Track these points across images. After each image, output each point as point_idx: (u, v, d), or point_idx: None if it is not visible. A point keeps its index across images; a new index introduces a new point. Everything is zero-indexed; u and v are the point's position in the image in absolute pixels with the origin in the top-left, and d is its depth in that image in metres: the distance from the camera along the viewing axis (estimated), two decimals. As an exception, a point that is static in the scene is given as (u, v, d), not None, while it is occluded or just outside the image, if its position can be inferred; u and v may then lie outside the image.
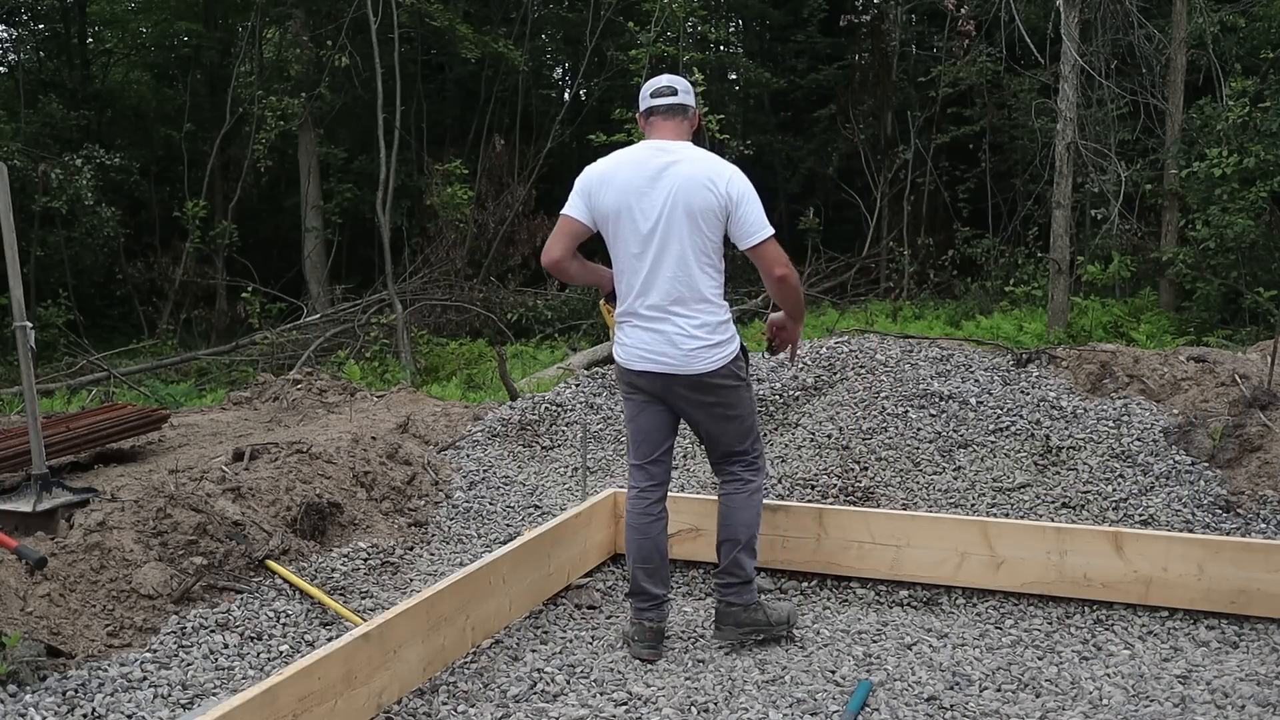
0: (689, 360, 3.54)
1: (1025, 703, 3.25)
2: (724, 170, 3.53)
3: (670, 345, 3.54)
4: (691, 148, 3.60)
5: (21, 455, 5.11)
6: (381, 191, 13.23)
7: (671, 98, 3.63)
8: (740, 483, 3.71)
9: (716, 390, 3.59)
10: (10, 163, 10.81)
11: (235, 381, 11.00)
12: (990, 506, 4.85)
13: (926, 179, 16.38)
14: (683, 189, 3.49)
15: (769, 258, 3.51)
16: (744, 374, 3.67)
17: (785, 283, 3.56)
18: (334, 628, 3.86)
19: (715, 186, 3.48)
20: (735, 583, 3.66)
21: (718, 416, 3.65)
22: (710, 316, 3.55)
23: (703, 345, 3.53)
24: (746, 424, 3.70)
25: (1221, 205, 10.50)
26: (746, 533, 3.67)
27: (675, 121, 3.64)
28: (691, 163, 3.53)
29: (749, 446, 3.72)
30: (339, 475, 5.04)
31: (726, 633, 3.67)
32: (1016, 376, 5.99)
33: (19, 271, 4.63)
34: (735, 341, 3.62)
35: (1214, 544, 3.85)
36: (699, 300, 3.54)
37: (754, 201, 3.51)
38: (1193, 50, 12.01)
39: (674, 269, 3.51)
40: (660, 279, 3.52)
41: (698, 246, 3.51)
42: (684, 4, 13.82)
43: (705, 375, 3.56)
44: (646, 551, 3.67)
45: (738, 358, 3.62)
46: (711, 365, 3.55)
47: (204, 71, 19.18)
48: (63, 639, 3.43)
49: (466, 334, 13.54)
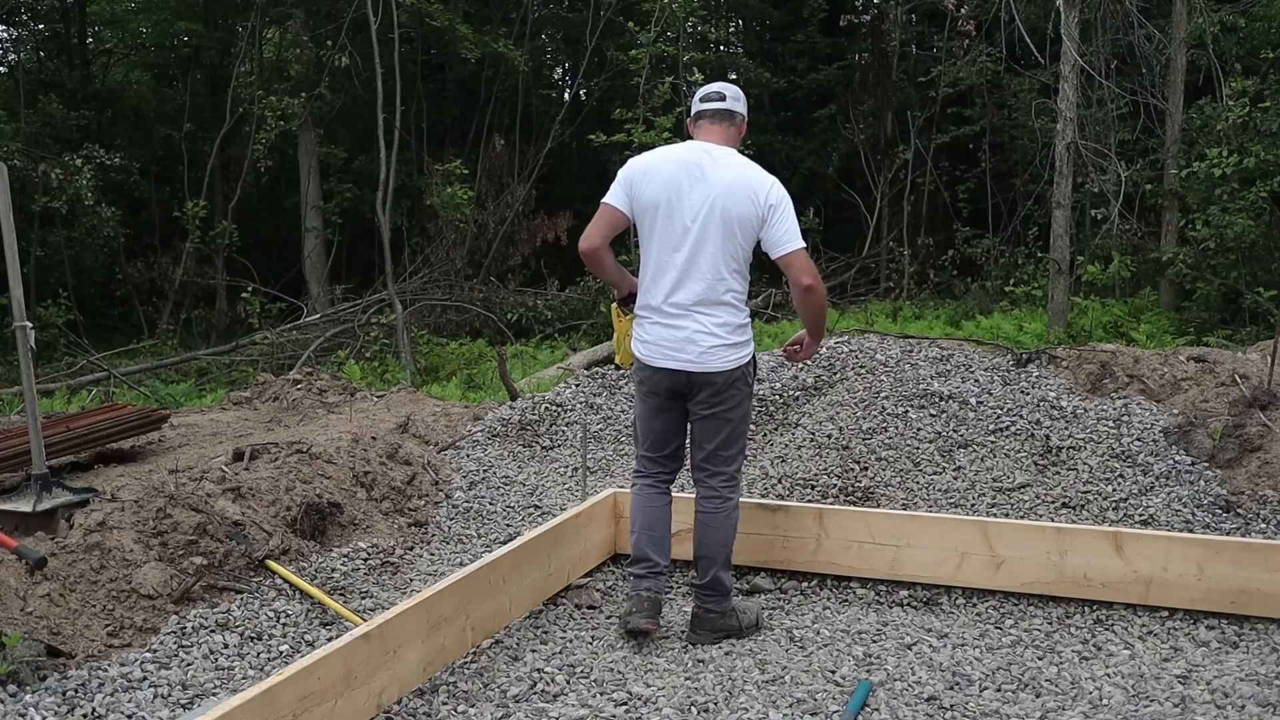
0: (705, 358, 3.61)
1: (1025, 703, 3.25)
2: (765, 181, 3.61)
3: (690, 343, 3.61)
4: (736, 155, 3.68)
5: (21, 455, 5.11)
6: (381, 191, 13.23)
7: (720, 103, 3.73)
8: (719, 500, 3.76)
9: (723, 392, 3.65)
10: (10, 163, 10.81)
11: (235, 381, 11.00)
12: (990, 506, 4.85)
13: (926, 179, 16.37)
14: (724, 194, 3.57)
15: (797, 267, 3.58)
16: (751, 382, 3.74)
17: (811, 293, 3.61)
18: (334, 628, 3.86)
19: (756, 197, 3.57)
20: (715, 595, 3.75)
21: (717, 418, 3.70)
22: (731, 318, 3.63)
23: (721, 344, 3.61)
24: (739, 431, 3.75)
25: (1221, 205, 10.50)
26: (724, 552, 3.76)
27: (722, 126, 3.73)
28: (736, 169, 3.61)
29: (733, 457, 3.76)
30: (339, 475, 5.04)
31: (701, 635, 3.76)
32: (1016, 376, 5.99)
33: (19, 271, 4.63)
34: (751, 347, 3.70)
35: (1214, 544, 3.85)
36: (721, 303, 3.62)
37: (788, 213, 3.60)
38: (1193, 50, 12.01)
39: (705, 270, 3.59)
40: (690, 279, 3.60)
41: (730, 252, 3.59)
42: (684, 4, 13.82)
43: (717, 375, 3.62)
44: (652, 520, 3.80)
45: (749, 364, 3.70)
46: (726, 365, 3.62)
47: (204, 71, 19.17)
48: (63, 639, 3.42)
49: (466, 334, 13.54)
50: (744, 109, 3.80)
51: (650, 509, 3.82)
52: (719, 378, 3.62)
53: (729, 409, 3.68)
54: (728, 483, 3.76)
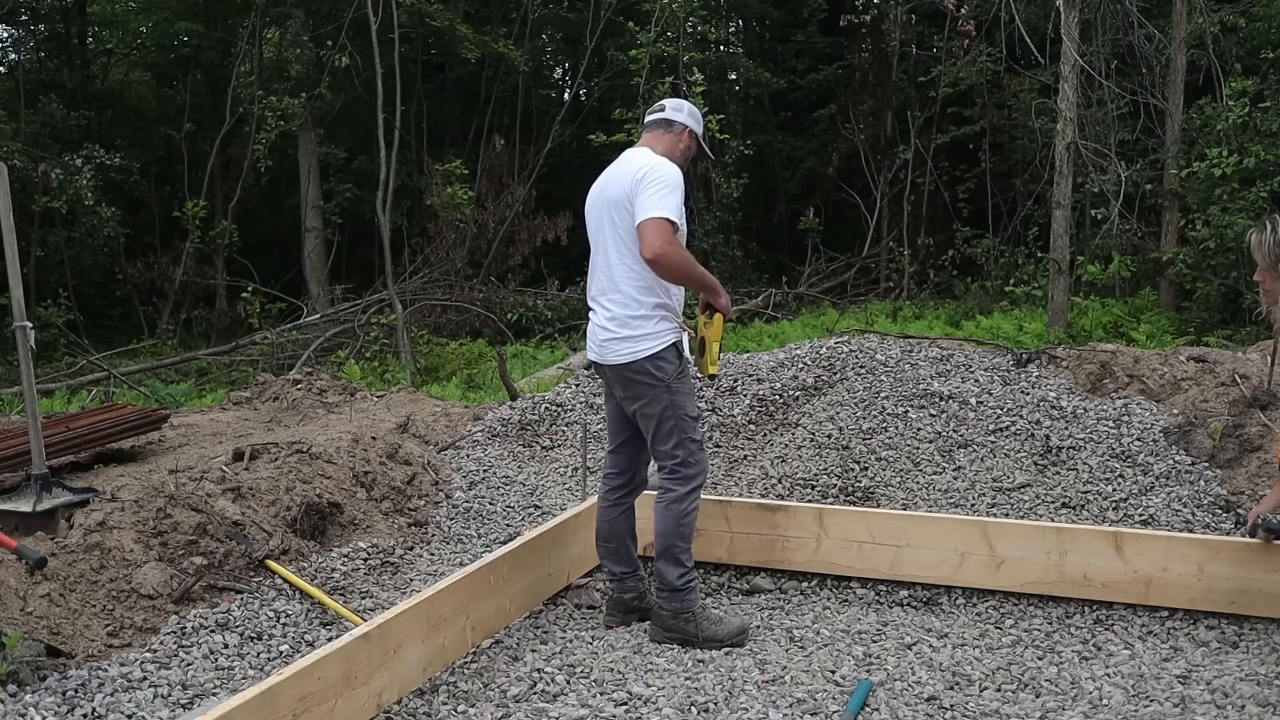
0: (603, 351, 3.68)
1: (1025, 703, 3.25)
2: (646, 162, 3.59)
3: (594, 333, 3.72)
4: (646, 153, 3.69)
5: (21, 455, 5.11)
6: (381, 191, 13.23)
7: (659, 114, 3.82)
8: (662, 491, 3.74)
9: (631, 384, 3.66)
10: (10, 163, 10.79)
11: (235, 381, 11.00)
12: (990, 506, 4.85)
13: (926, 179, 16.36)
14: (611, 183, 3.66)
15: (642, 238, 3.48)
16: (662, 375, 3.62)
17: (655, 265, 3.49)
18: (334, 628, 3.86)
19: (628, 177, 3.57)
20: (663, 589, 3.72)
21: (639, 414, 3.71)
22: (622, 310, 3.61)
23: (612, 338, 3.63)
24: (667, 426, 3.66)
25: (1221, 205, 10.50)
26: (663, 542, 3.70)
27: (656, 134, 3.80)
28: (629, 162, 3.65)
29: (672, 451, 3.68)
30: (339, 475, 5.04)
31: (653, 631, 3.77)
32: (1016, 376, 5.99)
33: (19, 271, 4.63)
34: (656, 340, 3.60)
35: (1214, 544, 3.85)
36: (616, 291, 3.63)
37: (657, 188, 3.49)
38: (1193, 50, 12.00)
39: (602, 260, 3.68)
40: (597, 269, 3.72)
41: (618, 238, 3.61)
42: (684, 4, 13.82)
43: (617, 367, 3.65)
44: (605, 533, 3.93)
45: (656, 356, 3.60)
46: (622, 359, 3.62)
47: (204, 71, 19.17)
48: (63, 639, 3.42)
49: (466, 334, 13.54)
50: (685, 119, 3.79)
51: (603, 522, 3.93)
52: (623, 370, 3.64)
53: (644, 404, 3.66)
54: (670, 476, 3.71)
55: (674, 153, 3.72)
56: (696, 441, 3.71)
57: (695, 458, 3.71)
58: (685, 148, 3.77)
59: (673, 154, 3.71)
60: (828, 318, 12.80)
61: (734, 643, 3.68)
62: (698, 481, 3.72)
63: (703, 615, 3.72)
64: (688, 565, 3.72)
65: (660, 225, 3.45)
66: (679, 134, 3.77)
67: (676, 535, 3.69)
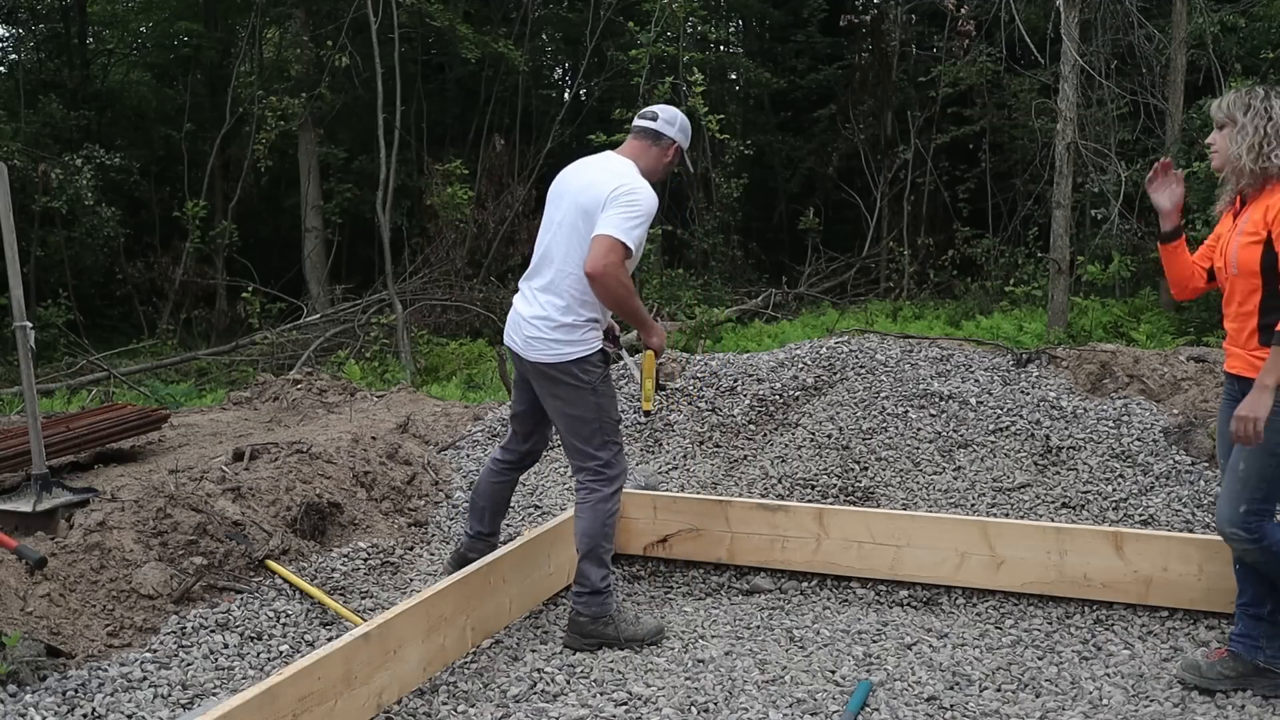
0: (527, 347, 3.67)
1: (1025, 703, 3.25)
2: (627, 182, 3.58)
3: (516, 327, 3.70)
4: (623, 160, 3.69)
5: (21, 455, 5.11)
6: (381, 191, 13.23)
7: (650, 121, 3.79)
8: (585, 491, 3.71)
9: (555, 383, 3.65)
10: (10, 163, 10.80)
11: (235, 381, 11.00)
12: (990, 506, 4.85)
13: (926, 179, 16.36)
14: (585, 189, 3.62)
15: (591, 249, 3.50)
16: (589, 379, 3.63)
17: (593, 281, 3.50)
18: (334, 628, 3.86)
19: (603, 190, 3.56)
20: (583, 592, 3.69)
21: (556, 409, 3.69)
22: (557, 314, 3.62)
23: (538, 336, 3.63)
24: (591, 427, 3.65)
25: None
26: (586, 542, 3.67)
27: (642, 143, 3.78)
28: (607, 169, 3.65)
29: (595, 453, 3.67)
30: (339, 475, 5.04)
31: (570, 639, 3.71)
32: (1016, 376, 5.99)
33: (19, 271, 4.63)
34: (582, 346, 3.61)
35: (1214, 544, 3.84)
36: (556, 294, 3.62)
37: (630, 212, 3.51)
38: (1193, 50, 12.00)
39: (556, 256, 3.63)
40: (540, 263, 3.69)
41: (578, 243, 3.58)
42: (684, 4, 13.81)
43: (543, 364, 3.64)
44: (484, 493, 4.02)
45: (584, 360, 3.61)
46: (546, 359, 3.63)
47: (204, 71, 19.17)
48: (63, 639, 3.42)
49: (466, 334, 13.55)
50: (675, 134, 3.78)
51: (485, 485, 4.02)
52: (547, 368, 3.63)
53: (565, 404, 3.64)
54: (595, 477, 3.69)
55: (656, 169, 3.74)
56: (618, 444, 3.73)
57: (618, 459, 3.73)
58: (668, 163, 3.79)
59: (654, 170, 3.74)
60: (828, 318, 12.80)
61: (652, 641, 3.70)
62: (620, 483, 3.74)
63: (620, 617, 3.71)
64: (609, 567, 3.74)
65: (614, 246, 3.46)
66: (665, 148, 3.77)
67: (601, 535, 3.68)
